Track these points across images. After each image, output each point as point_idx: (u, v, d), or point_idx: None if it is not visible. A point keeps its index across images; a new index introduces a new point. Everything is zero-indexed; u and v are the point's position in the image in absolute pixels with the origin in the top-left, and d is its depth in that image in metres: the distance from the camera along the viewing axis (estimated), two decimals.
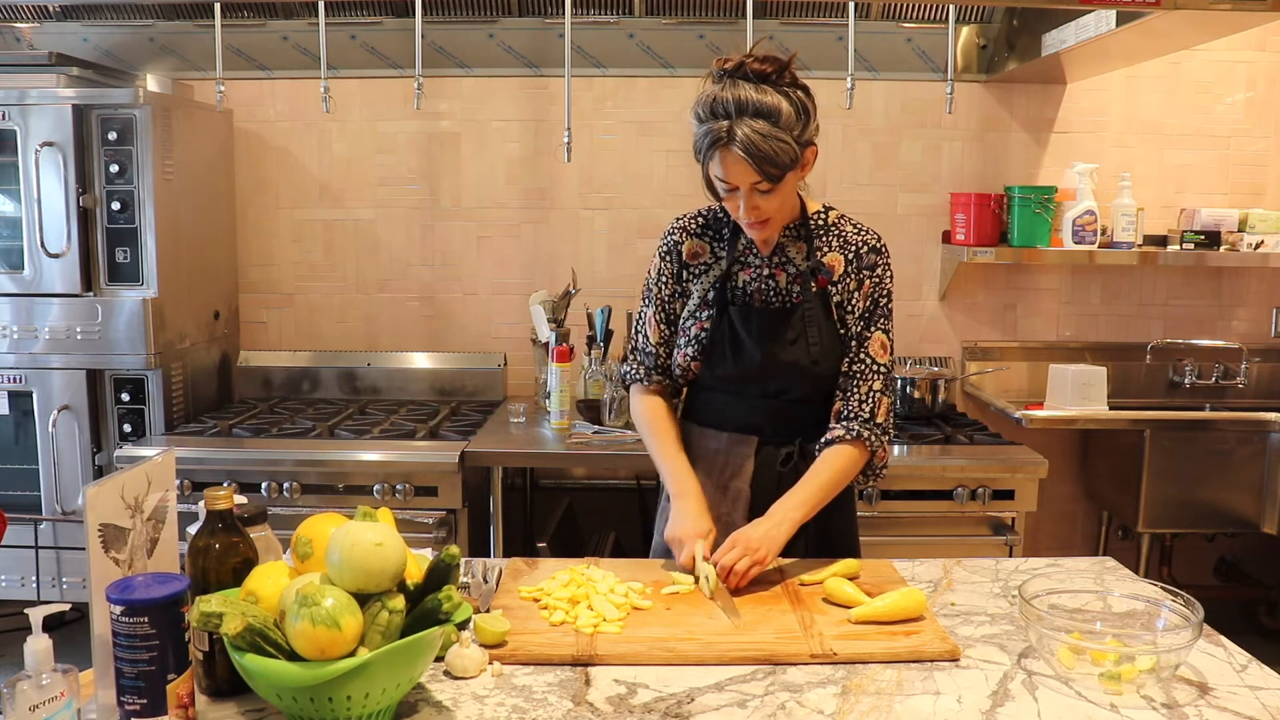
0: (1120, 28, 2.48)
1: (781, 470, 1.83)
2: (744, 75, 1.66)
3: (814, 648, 1.38)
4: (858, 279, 1.81)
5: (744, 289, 1.83)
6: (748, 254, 1.85)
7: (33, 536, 2.75)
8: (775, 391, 1.82)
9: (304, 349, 3.49)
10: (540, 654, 1.36)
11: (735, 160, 1.65)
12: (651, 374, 1.92)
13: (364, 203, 3.45)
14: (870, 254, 1.82)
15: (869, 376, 1.80)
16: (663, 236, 1.91)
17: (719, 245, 1.87)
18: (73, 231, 2.83)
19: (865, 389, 1.80)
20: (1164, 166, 3.43)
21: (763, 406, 1.83)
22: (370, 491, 2.68)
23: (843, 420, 1.80)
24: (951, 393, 3.24)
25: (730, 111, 1.64)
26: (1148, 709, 1.23)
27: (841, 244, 1.83)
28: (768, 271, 1.83)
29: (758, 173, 1.65)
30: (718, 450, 1.86)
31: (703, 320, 1.84)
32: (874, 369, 1.81)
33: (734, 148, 1.63)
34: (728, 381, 1.84)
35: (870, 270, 1.82)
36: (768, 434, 1.83)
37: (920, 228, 3.44)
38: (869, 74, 3.33)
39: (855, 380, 1.81)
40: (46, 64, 2.86)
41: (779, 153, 1.65)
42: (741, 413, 1.84)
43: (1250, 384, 3.41)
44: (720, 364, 1.83)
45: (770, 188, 1.68)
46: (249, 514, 1.36)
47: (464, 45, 3.36)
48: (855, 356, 1.81)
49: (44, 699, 1.06)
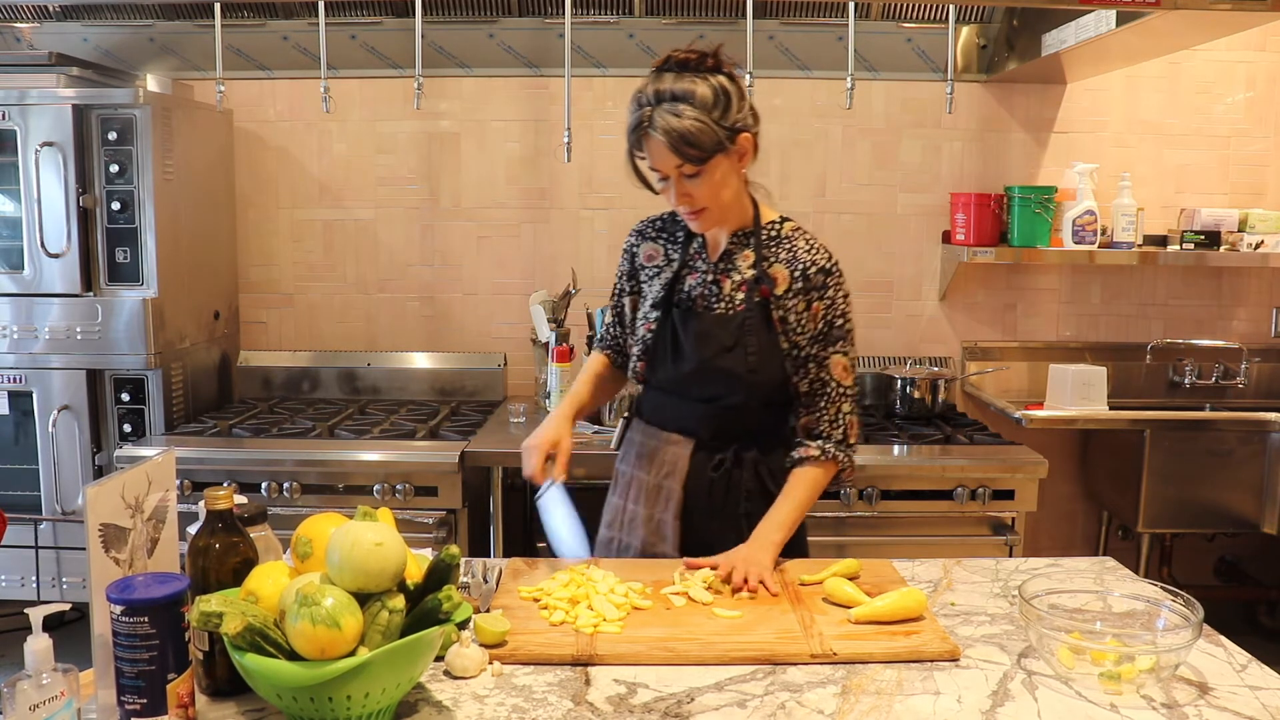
0: (1120, 28, 2.48)
1: (713, 476, 1.84)
2: (668, 67, 1.70)
3: (814, 648, 1.38)
4: (805, 299, 1.80)
5: (689, 293, 1.85)
6: (697, 258, 1.87)
7: (33, 536, 2.75)
8: (711, 396, 1.82)
9: (304, 349, 3.49)
10: (540, 654, 1.36)
11: (656, 144, 1.68)
12: (602, 340, 2.06)
13: (364, 203, 3.45)
14: (819, 275, 1.80)
15: (837, 399, 1.82)
16: (628, 235, 1.97)
17: (673, 248, 1.89)
18: (73, 231, 2.83)
19: (835, 411, 1.82)
20: (1164, 166, 3.43)
21: (700, 410, 1.84)
22: (370, 491, 2.68)
23: (816, 439, 1.82)
24: (951, 393, 3.25)
25: (650, 100, 1.68)
26: (1148, 709, 1.23)
27: (790, 258, 1.81)
28: (712, 277, 1.84)
29: (677, 155, 1.67)
30: (656, 448, 1.88)
31: (650, 322, 1.86)
32: (841, 392, 1.82)
33: (653, 132, 1.67)
34: (669, 383, 1.86)
35: (820, 292, 1.80)
36: (704, 438, 1.84)
37: (920, 228, 3.44)
38: (869, 74, 3.33)
39: (822, 401, 1.82)
40: (46, 64, 2.86)
41: (697, 134, 1.66)
42: (681, 414, 1.86)
43: (1250, 384, 3.41)
44: (662, 366, 1.85)
45: (695, 171, 1.70)
46: (249, 514, 1.36)
47: (464, 45, 3.36)
48: (817, 378, 1.82)
49: (44, 699, 1.06)
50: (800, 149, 3.39)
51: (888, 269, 3.45)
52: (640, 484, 1.88)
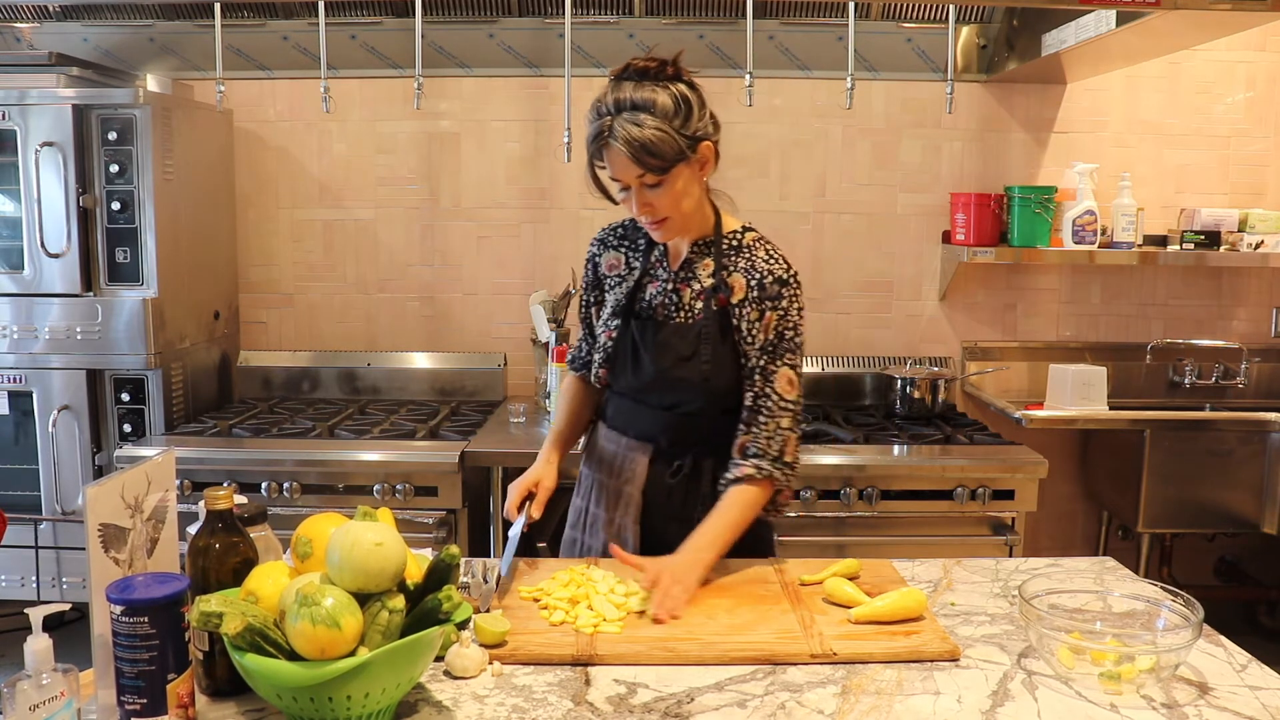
0: (1120, 28, 2.48)
1: (671, 482, 1.83)
2: (628, 76, 1.68)
3: (814, 648, 1.38)
4: (758, 309, 1.76)
5: (649, 301, 1.84)
6: (658, 267, 1.86)
7: (33, 536, 2.75)
8: (671, 404, 1.82)
9: (304, 349, 3.49)
10: (540, 654, 1.36)
11: (616, 154, 1.66)
12: (574, 362, 2.04)
13: (364, 203, 3.45)
14: (774, 285, 1.76)
15: (776, 414, 1.75)
16: (589, 245, 1.97)
17: (635, 255, 1.89)
18: (73, 231, 2.83)
19: (773, 426, 1.75)
20: (1164, 166, 3.43)
21: (660, 418, 1.83)
22: (370, 491, 2.68)
23: (750, 457, 1.75)
24: (951, 393, 3.25)
25: (610, 109, 1.66)
26: (1148, 709, 1.23)
27: (748, 268, 1.78)
28: (672, 286, 1.83)
29: (638, 164, 1.65)
30: (616, 453, 1.88)
31: (611, 330, 1.86)
32: (782, 406, 1.76)
33: (614, 142, 1.64)
34: (630, 390, 1.86)
35: (774, 302, 1.76)
36: (664, 445, 1.84)
37: (920, 228, 3.44)
38: (869, 74, 3.33)
39: (762, 416, 1.76)
40: (46, 64, 2.86)
41: (657, 143, 1.63)
42: (642, 421, 1.85)
43: (1250, 384, 3.41)
44: (623, 374, 1.85)
45: (657, 181, 1.67)
46: (249, 514, 1.36)
47: (464, 45, 3.36)
48: (761, 391, 1.76)
49: (44, 699, 1.06)
50: (800, 149, 3.39)
51: (888, 269, 3.45)
52: (601, 486, 1.90)
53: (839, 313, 3.47)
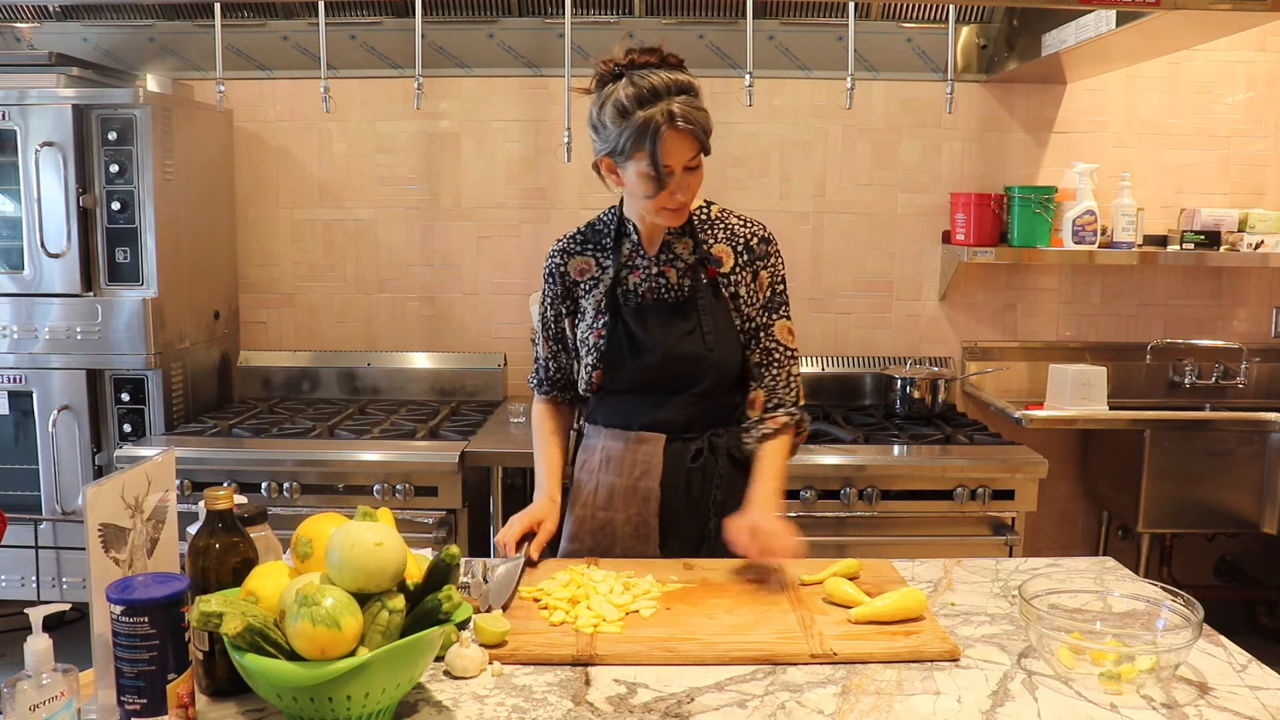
0: (1120, 28, 2.48)
1: (691, 466, 1.84)
2: (640, 66, 1.70)
3: (814, 648, 1.38)
4: (751, 270, 1.85)
5: (635, 290, 1.85)
6: (634, 257, 1.87)
7: (33, 536, 2.75)
8: (679, 386, 1.83)
9: (304, 349, 3.49)
10: (540, 654, 1.36)
11: (679, 137, 1.67)
12: (543, 385, 2.01)
13: (364, 203, 3.45)
14: (761, 245, 1.86)
15: (785, 362, 1.86)
16: (546, 259, 1.94)
17: (603, 255, 1.89)
18: (73, 231, 2.83)
19: (785, 375, 1.86)
20: (1164, 166, 3.43)
21: (668, 403, 1.84)
22: (370, 491, 2.68)
23: (777, 408, 1.85)
24: (951, 393, 3.25)
25: (659, 94, 1.67)
26: (1148, 709, 1.23)
27: (728, 236, 1.86)
28: (656, 270, 1.85)
29: (699, 145, 1.69)
30: (625, 450, 1.85)
31: (599, 329, 1.85)
32: (789, 354, 1.87)
33: (678, 124, 1.66)
34: (631, 383, 1.85)
35: (764, 261, 1.86)
36: (676, 430, 1.84)
37: (920, 228, 3.44)
38: (869, 74, 3.33)
39: (774, 368, 1.86)
40: (46, 64, 2.86)
41: (708, 123, 1.71)
42: (648, 411, 1.85)
43: (1250, 384, 3.41)
44: (620, 368, 1.84)
45: (699, 162, 1.72)
46: (249, 514, 1.36)
47: (464, 45, 3.36)
48: (765, 346, 1.85)
49: (44, 699, 1.06)
50: (800, 149, 3.39)
51: (888, 269, 3.45)
52: (611, 489, 1.86)
53: (839, 313, 3.47)
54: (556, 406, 2.01)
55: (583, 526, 1.88)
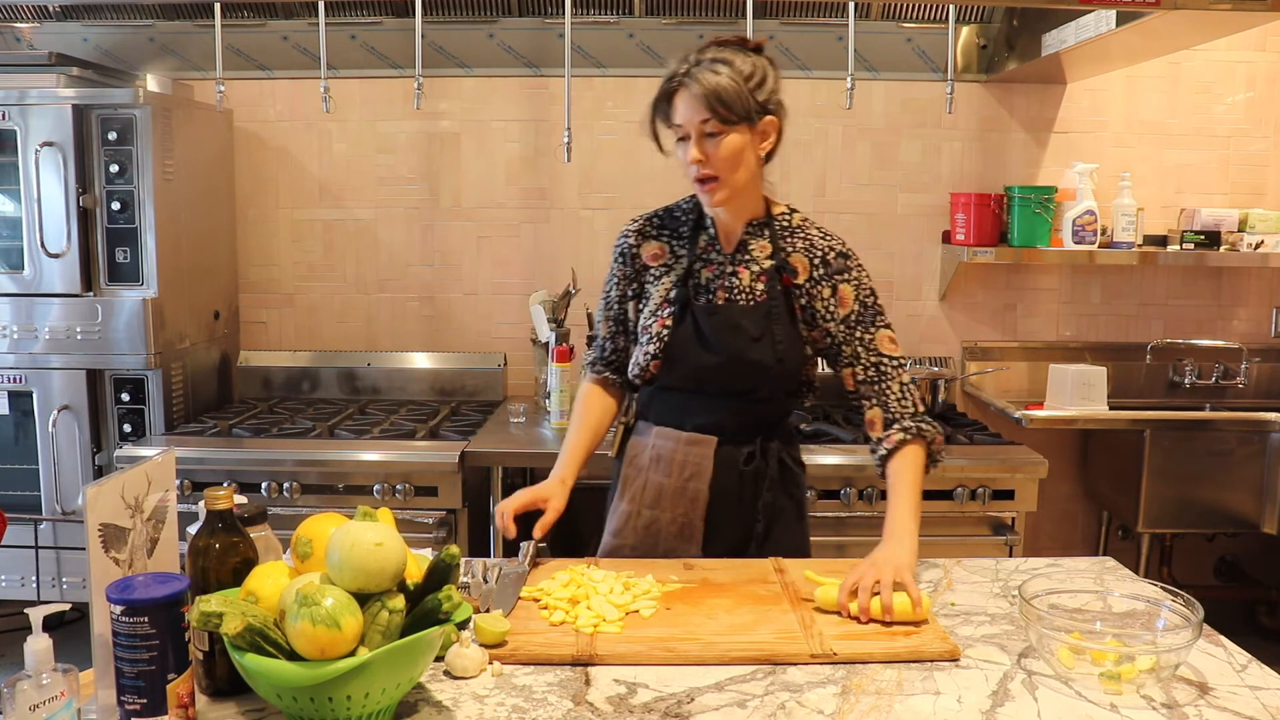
0: (1120, 28, 2.48)
1: (744, 470, 1.81)
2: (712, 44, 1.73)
3: (814, 648, 1.38)
4: (830, 285, 1.80)
5: (707, 286, 1.82)
6: (710, 250, 1.84)
7: (33, 536, 2.75)
8: (738, 391, 1.80)
9: (304, 349, 3.49)
10: (540, 654, 1.36)
11: (688, 98, 1.68)
12: (596, 364, 1.96)
13: (364, 203, 3.45)
14: (839, 259, 1.81)
15: (893, 374, 1.79)
16: (619, 238, 1.91)
17: (679, 244, 1.86)
18: (73, 231, 2.83)
19: (897, 386, 1.78)
20: (1164, 166, 3.43)
21: (724, 406, 1.81)
22: (370, 491, 2.68)
23: (893, 426, 1.75)
24: (951, 393, 3.25)
25: (690, 61, 1.70)
26: (1148, 709, 1.23)
27: (807, 247, 1.82)
28: (730, 269, 1.82)
29: (706, 108, 1.66)
30: (675, 450, 1.82)
31: (664, 318, 1.81)
32: (895, 364, 1.80)
33: (689, 82, 1.67)
34: (688, 380, 1.81)
35: (844, 274, 1.81)
36: (729, 434, 1.81)
37: (920, 228, 3.44)
38: (869, 74, 3.33)
39: (884, 381, 1.78)
40: (46, 64, 2.86)
41: (731, 94, 1.67)
42: (701, 412, 1.82)
43: (1250, 384, 3.41)
44: (682, 362, 1.80)
45: (719, 130, 1.68)
46: (249, 514, 1.35)
47: (464, 45, 3.36)
48: (871, 361, 1.79)
49: (44, 699, 1.06)
50: (800, 149, 3.39)
51: (888, 269, 3.44)
52: (659, 488, 1.82)
53: None
54: (607, 389, 1.95)
55: (628, 522, 1.85)
